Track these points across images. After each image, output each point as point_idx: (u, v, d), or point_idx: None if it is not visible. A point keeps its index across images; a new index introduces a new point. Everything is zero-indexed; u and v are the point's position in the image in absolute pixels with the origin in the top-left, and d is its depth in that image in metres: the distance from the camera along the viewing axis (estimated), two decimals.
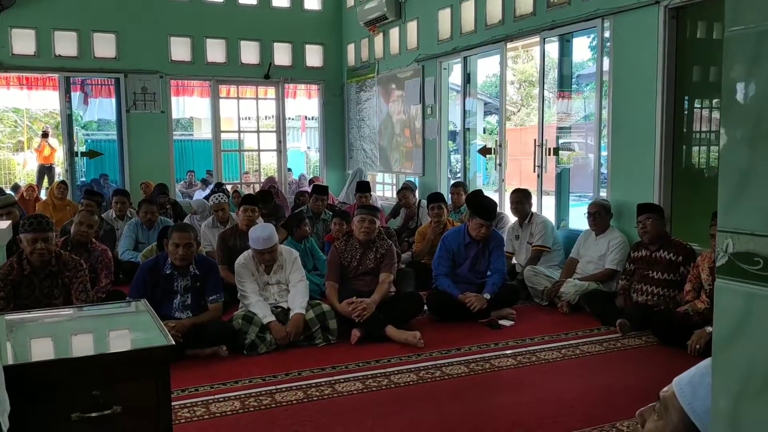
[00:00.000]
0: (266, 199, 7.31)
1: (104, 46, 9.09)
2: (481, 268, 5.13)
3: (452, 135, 8.51)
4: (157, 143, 9.41)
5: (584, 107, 7.48)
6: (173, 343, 1.83)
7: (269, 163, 11.77)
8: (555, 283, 5.28)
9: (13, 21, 8.61)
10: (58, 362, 1.85)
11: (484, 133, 12.35)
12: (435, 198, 6.30)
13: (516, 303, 5.17)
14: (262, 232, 4.56)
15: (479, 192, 6.28)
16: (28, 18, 8.43)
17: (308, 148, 20.23)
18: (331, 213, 7.02)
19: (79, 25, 8.90)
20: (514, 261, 6.03)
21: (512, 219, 6.24)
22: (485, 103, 13.04)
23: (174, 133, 10.26)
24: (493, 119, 16.28)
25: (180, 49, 9.48)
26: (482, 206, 5.08)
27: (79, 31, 8.93)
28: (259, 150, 10.99)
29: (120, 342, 2.16)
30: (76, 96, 10.35)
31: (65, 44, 8.91)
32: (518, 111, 18.64)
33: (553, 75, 6.88)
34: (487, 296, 4.83)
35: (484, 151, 7.43)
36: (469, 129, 7.96)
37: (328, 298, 4.69)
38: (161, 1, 9.32)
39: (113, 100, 9.95)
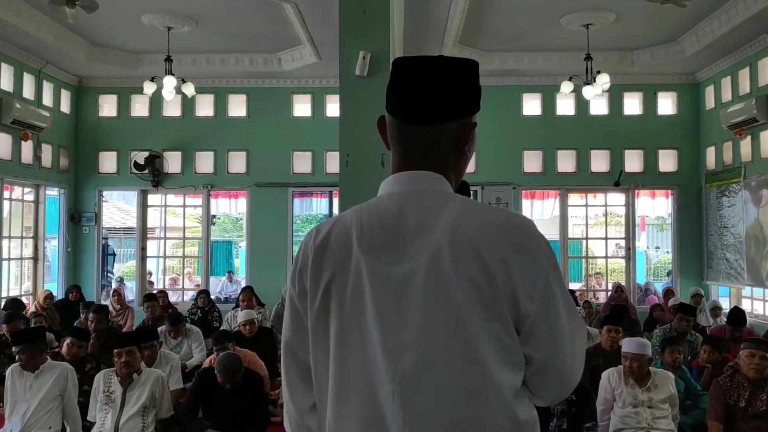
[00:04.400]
0: (623, 315, 7.12)
1: None
2: None
3: None
4: None
5: None
6: None
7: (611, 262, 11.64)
8: None
9: None
10: None
11: None
12: None
13: None
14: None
15: None
16: None
17: (647, 248, 19.20)
18: (697, 334, 6.54)
19: None
20: None
21: None
22: None
23: None
24: None
25: (532, 162, 10.06)
26: None
27: None
28: (606, 257, 10.86)
29: None
30: None
31: None
32: None
33: None
34: None
35: None
36: None
37: None
38: (516, 118, 10.06)
39: None
